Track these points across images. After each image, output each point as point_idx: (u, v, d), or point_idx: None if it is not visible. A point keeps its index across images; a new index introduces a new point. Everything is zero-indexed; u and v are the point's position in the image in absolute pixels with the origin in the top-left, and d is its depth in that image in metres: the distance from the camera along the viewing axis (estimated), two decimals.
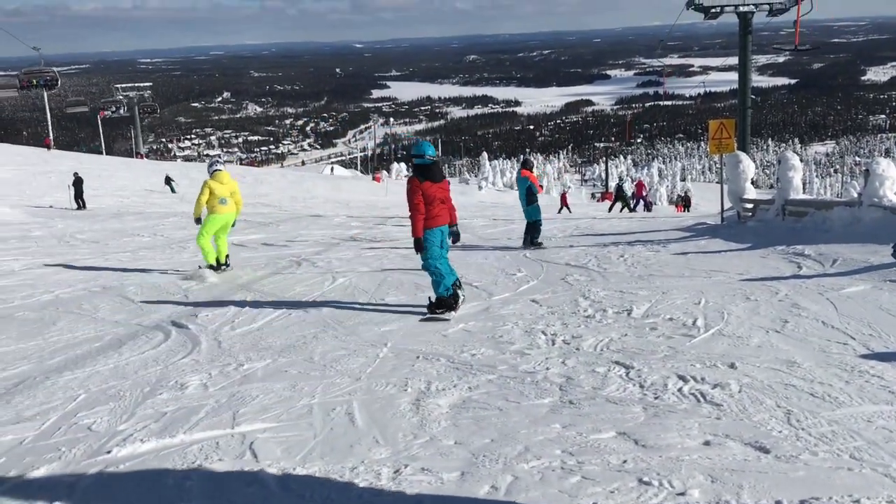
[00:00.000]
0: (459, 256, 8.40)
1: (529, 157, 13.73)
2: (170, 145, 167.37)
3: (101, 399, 4.64)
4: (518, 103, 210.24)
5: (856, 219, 10.55)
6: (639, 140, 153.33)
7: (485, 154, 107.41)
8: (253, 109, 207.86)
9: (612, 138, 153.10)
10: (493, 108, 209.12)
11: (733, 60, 32.97)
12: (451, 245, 6.96)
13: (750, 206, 14.18)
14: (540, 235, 12.18)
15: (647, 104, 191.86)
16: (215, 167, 9.70)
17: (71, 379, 5.09)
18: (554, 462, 3.46)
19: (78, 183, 23.62)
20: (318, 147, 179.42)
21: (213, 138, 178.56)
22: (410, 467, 3.47)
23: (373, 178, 60.40)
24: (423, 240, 6.58)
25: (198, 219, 9.53)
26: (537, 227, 12.16)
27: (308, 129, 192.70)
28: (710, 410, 4.04)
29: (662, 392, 4.37)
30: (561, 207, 29.37)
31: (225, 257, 9.77)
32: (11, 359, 5.70)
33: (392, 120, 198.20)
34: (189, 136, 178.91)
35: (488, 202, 38.97)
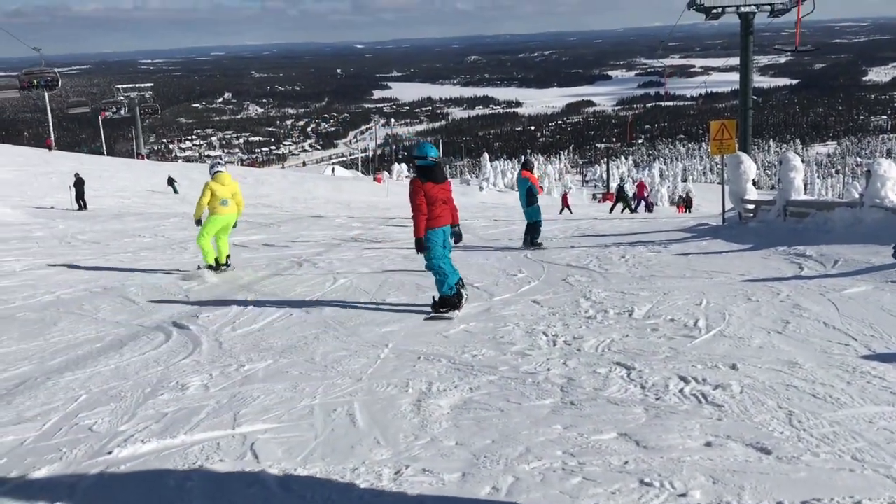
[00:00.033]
0: (460, 257, 8.39)
1: (530, 158, 13.75)
2: (171, 146, 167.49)
3: (103, 400, 4.64)
4: (519, 104, 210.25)
5: (857, 219, 10.54)
6: (640, 141, 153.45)
7: (486, 155, 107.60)
8: (254, 110, 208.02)
9: (614, 139, 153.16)
10: (494, 109, 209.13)
11: (735, 61, 33.00)
12: (454, 245, 7.01)
13: (751, 206, 14.18)
14: (540, 236, 12.19)
15: (648, 105, 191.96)
16: (216, 169, 9.75)
17: (72, 380, 5.09)
18: (555, 463, 3.46)
19: (79, 184, 23.66)
20: (320, 148, 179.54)
21: (214, 139, 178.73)
22: (411, 468, 3.47)
23: (374, 179, 60.42)
24: (426, 240, 6.63)
25: (198, 220, 9.58)
26: (537, 228, 12.19)
27: (309, 129, 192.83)
28: (712, 411, 4.04)
29: (664, 393, 4.37)
30: (562, 208, 29.37)
31: (226, 258, 9.83)
32: (13, 359, 5.70)
33: (393, 121, 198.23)
34: (190, 137, 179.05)
35: (489, 203, 38.95)
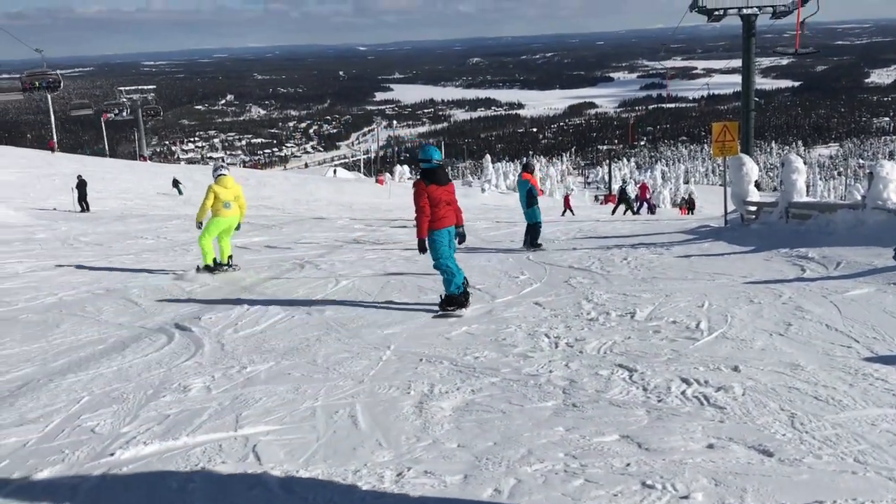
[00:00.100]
0: (462, 258, 8.37)
1: (531, 161, 13.77)
2: (173, 148, 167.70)
3: (105, 401, 4.65)
4: (521, 106, 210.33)
5: (859, 221, 10.52)
6: (642, 142, 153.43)
7: (488, 156, 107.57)
8: (256, 112, 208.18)
9: (616, 141, 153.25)
10: (496, 111, 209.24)
11: (737, 63, 32.95)
12: (458, 246, 7.10)
13: (753, 208, 14.16)
14: (539, 237, 12.24)
15: (650, 107, 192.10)
16: (220, 172, 9.87)
17: (74, 381, 5.10)
18: (557, 465, 3.46)
19: (81, 185, 23.70)
20: (322, 150, 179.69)
21: (216, 141, 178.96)
22: (413, 470, 3.47)
23: (376, 181, 60.44)
24: (432, 240, 6.80)
25: (199, 223, 9.68)
26: (537, 229, 12.28)
27: (311, 131, 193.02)
28: (714, 413, 4.04)
29: (666, 395, 4.36)
30: (564, 210, 29.36)
31: (228, 258, 9.93)
32: (15, 361, 5.71)
33: (395, 122, 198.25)
34: (192, 139, 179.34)
35: (491, 205, 38.95)
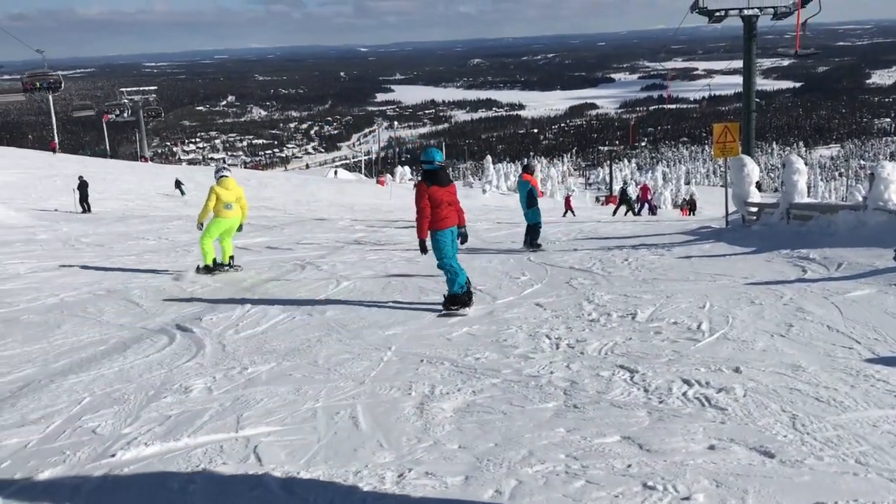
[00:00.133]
0: (463, 259, 8.36)
1: (531, 162, 13.75)
2: (174, 149, 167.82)
3: (106, 402, 4.65)
4: (522, 107, 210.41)
5: (861, 222, 10.52)
6: (643, 143, 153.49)
7: (489, 157, 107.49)
8: (257, 113, 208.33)
9: (617, 142, 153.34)
10: (497, 112, 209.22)
11: (738, 64, 32.92)
12: (460, 246, 7.13)
13: (754, 209, 14.15)
14: (539, 237, 12.27)
15: (651, 107, 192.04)
16: (222, 173, 9.91)
17: (76, 382, 5.10)
18: (558, 466, 3.46)
19: (83, 186, 23.70)
20: (323, 150, 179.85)
21: (217, 142, 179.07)
22: (414, 471, 3.47)
23: (377, 182, 60.45)
24: (436, 241, 6.88)
25: (200, 224, 9.73)
26: (537, 230, 12.35)
27: (312, 132, 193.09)
28: (715, 415, 4.03)
29: (667, 396, 4.36)
30: (565, 211, 29.35)
31: (229, 258, 9.98)
32: (16, 362, 5.71)
33: (396, 123, 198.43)
34: (194, 140, 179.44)
35: (492, 205, 38.93)
